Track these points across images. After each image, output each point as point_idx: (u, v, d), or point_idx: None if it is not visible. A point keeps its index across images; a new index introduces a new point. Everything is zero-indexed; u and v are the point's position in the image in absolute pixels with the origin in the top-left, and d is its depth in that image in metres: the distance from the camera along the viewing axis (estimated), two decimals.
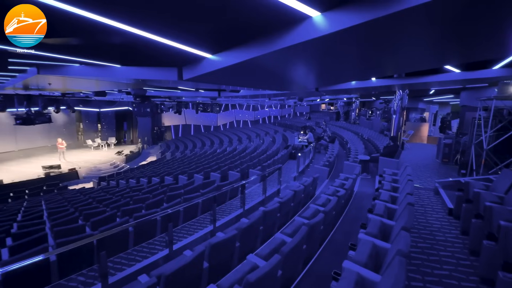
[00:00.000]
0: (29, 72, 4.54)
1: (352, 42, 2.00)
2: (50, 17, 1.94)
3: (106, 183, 11.69)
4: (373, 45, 2.14)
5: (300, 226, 3.06)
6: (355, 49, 2.26)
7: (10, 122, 15.65)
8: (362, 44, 2.13)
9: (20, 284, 3.12)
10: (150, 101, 10.62)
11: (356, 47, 2.20)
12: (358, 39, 1.94)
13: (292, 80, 4.49)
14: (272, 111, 31.69)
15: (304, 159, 9.72)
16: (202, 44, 2.58)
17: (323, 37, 1.71)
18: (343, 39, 1.84)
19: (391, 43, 2.09)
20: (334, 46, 2.05)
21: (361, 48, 2.27)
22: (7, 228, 5.22)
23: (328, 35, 1.67)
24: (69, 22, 2.01)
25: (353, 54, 2.52)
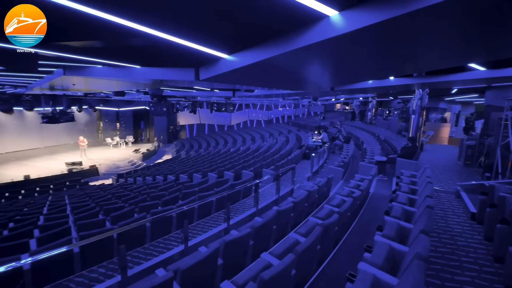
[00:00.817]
0: (55, 73, 4.81)
1: (370, 41, 1.96)
2: (76, 21, 2.03)
3: (124, 179, 12.11)
4: (393, 44, 2.09)
5: (314, 226, 3.05)
6: (373, 48, 2.22)
7: (37, 121, 16.62)
8: (380, 43, 2.09)
9: (46, 273, 3.31)
10: (167, 100, 10.89)
11: (375, 46, 2.16)
12: (376, 38, 1.90)
13: (307, 79, 4.46)
14: (285, 111, 31.53)
15: (318, 159, 9.61)
16: (219, 45, 2.62)
17: (340, 37, 1.69)
18: (361, 38, 1.82)
19: (411, 42, 2.04)
20: (352, 46, 2.03)
21: (379, 47, 2.22)
22: (34, 220, 5.54)
23: (346, 34, 1.66)
24: (94, 25, 2.10)
25: (371, 53, 2.48)
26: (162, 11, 1.80)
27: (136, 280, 3.12)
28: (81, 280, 3.41)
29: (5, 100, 8.28)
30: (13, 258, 3.27)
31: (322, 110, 28.77)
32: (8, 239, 4.43)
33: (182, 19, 1.96)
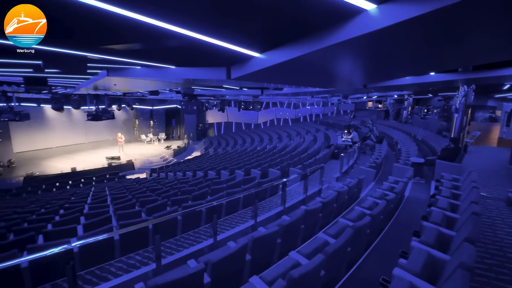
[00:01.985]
0: (100, 74, 5.26)
1: (411, 35, 1.84)
2: (118, 25, 2.18)
3: (157, 174, 12.82)
4: (437, 37, 1.94)
5: (345, 228, 2.96)
6: (414, 42, 2.08)
7: (82, 118, 18.26)
8: (423, 37, 1.95)
9: (91, 256, 3.64)
10: (197, 99, 11.29)
11: (416, 40, 2.02)
12: (419, 32, 1.78)
13: (338, 77, 4.32)
14: (313, 109, 30.85)
15: (347, 159, 9.29)
16: (251, 44, 2.65)
17: (379, 31, 1.61)
18: (402, 32, 1.71)
19: (459, 34, 1.87)
20: (391, 41, 1.92)
21: (421, 41, 2.07)
22: (80, 208, 6.11)
23: (385, 29, 1.57)
24: (136, 29, 2.24)
25: (412, 48, 2.32)
26: (197, 12, 1.86)
27: (169, 269, 3.28)
28: (120, 265, 3.68)
29: (57, 100, 9.24)
30: (64, 241, 3.65)
31: (352, 109, 27.61)
32: (59, 224, 4.96)
33: (217, 19, 2.01)
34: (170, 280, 2.15)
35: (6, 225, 5.09)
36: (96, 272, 3.50)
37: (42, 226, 4.86)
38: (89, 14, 1.84)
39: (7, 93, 8.92)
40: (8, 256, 3.36)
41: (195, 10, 1.81)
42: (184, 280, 2.25)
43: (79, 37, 2.70)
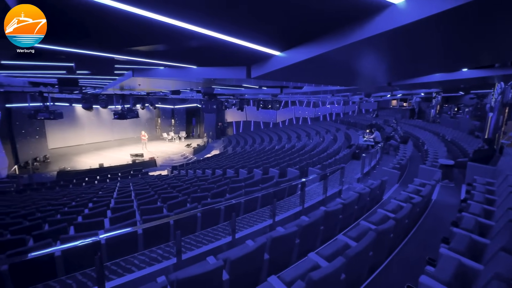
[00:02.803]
0: (126, 75, 5.50)
1: (444, 29, 1.72)
2: (145, 28, 2.25)
3: (177, 171, 13.20)
4: (472, 30, 1.80)
5: (367, 231, 2.86)
6: (446, 37, 1.94)
7: (109, 117, 19.25)
8: (456, 31, 1.82)
9: (117, 248, 3.83)
10: (216, 98, 11.46)
11: (449, 34, 1.88)
12: (452, 25, 1.66)
13: (362, 74, 4.16)
14: (334, 108, 30.13)
15: (369, 160, 8.97)
16: (272, 42, 2.63)
17: (408, 26, 1.52)
18: (433, 26, 1.60)
19: (498, 25, 1.73)
20: (421, 35, 1.80)
21: (454, 36, 1.94)
22: (107, 202, 6.44)
23: (415, 23, 1.48)
24: (160, 31, 2.31)
25: (443, 43, 2.17)
26: (219, 12, 1.88)
27: (189, 264, 3.38)
28: (143, 258, 3.83)
29: (87, 99, 9.83)
30: (93, 233, 3.87)
31: (375, 107, 26.61)
32: (88, 217, 5.26)
33: (241, 19, 2.02)
34: (190, 275, 2.20)
35: (42, 216, 5.49)
36: (121, 264, 3.67)
37: (73, 218, 5.18)
38: (117, 17, 1.92)
39: (43, 94, 9.62)
40: (44, 245, 3.62)
41: (220, 11, 1.82)
42: (204, 276, 2.29)
43: (107, 39, 2.83)
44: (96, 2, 1.63)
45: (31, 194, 9.78)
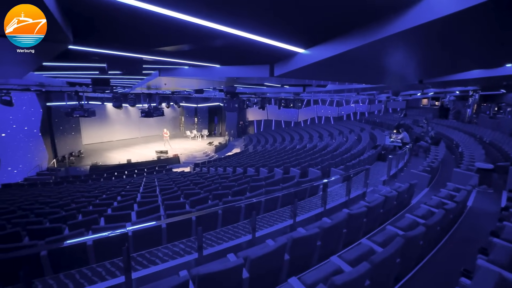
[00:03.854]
0: (153, 75, 5.73)
1: (488, 21, 1.57)
2: (171, 28, 2.31)
3: (200, 169, 13.51)
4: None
5: (394, 236, 2.71)
6: (491, 29, 1.77)
7: (136, 115, 20.24)
8: (503, 22, 1.65)
9: (142, 240, 4.00)
10: (238, 97, 11.54)
11: (493, 26, 1.71)
12: (499, 16, 1.50)
13: (390, 72, 3.95)
14: (358, 107, 29.05)
15: (396, 161, 8.53)
16: (297, 40, 2.58)
17: (449, 17, 1.40)
18: (480, 15, 1.46)
19: None
20: (462, 28, 1.66)
21: (500, 28, 1.76)
22: (134, 196, 6.76)
23: (458, 14, 1.36)
24: (186, 30, 2.36)
25: (486, 36, 1.99)
26: (245, 10, 1.87)
27: (209, 260, 3.44)
28: (166, 251, 3.97)
29: (117, 98, 10.40)
30: (121, 225, 4.08)
31: (403, 107, 25.23)
32: (117, 209, 5.56)
33: (263, 16, 2.00)
34: (211, 271, 2.24)
35: (76, 207, 5.90)
36: (146, 255, 3.83)
37: (103, 210, 5.51)
38: (145, 18, 1.99)
39: (78, 93, 10.33)
40: (78, 234, 3.89)
41: (247, 11, 1.81)
42: (224, 273, 2.31)
43: (136, 40, 2.95)
44: (127, 4, 1.69)
45: (67, 186, 10.56)
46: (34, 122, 14.57)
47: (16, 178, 12.88)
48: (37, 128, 14.74)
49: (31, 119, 14.33)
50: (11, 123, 12.95)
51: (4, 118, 12.45)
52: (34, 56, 2.55)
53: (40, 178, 13.06)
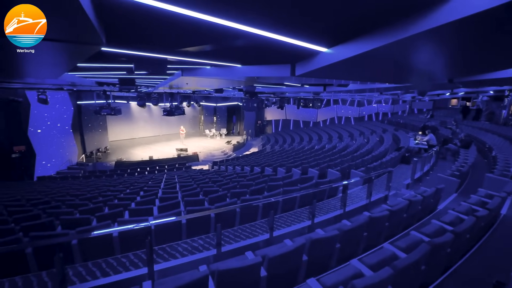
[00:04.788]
0: (175, 75, 5.91)
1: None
2: (195, 29, 2.36)
3: (218, 167, 13.73)
4: None
5: (419, 242, 2.60)
6: None
7: (158, 113, 20.96)
8: None
9: (163, 234, 4.15)
10: (257, 96, 11.59)
11: None
12: None
13: (418, 70, 3.77)
14: (381, 107, 28.00)
15: (421, 164, 8.13)
16: (319, 39, 2.54)
17: (486, 12, 1.32)
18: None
19: None
20: (501, 23, 1.55)
21: None
22: (155, 192, 7.02)
23: (497, 8, 1.28)
24: (209, 31, 2.40)
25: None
26: (268, 10, 1.88)
27: (228, 257, 3.49)
28: (185, 246, 4.08)
29: (141, 97, 10.86)
30: (143, 219, 4.27)
31: (430, 107, 23.93)
32: (140, 204, 5.81)
33: (286, 15, 1.99)
34: (230, 267, 2.28)
35: (103, 200, 6.24)
36: (167, 249, 3.97)
37: (128, 204, 5.77)
38: (170, 20, 2.05)
39: (106, 92, 10.90)
40: (105, 225, 4.11)
41: (272, 10, 1.82)
42: (243, 270, 2.34)
43: (161, 41, 3.06)
44: (156, 8, 1.77)
45: (94, 180, 11.19)
46: (66, 119, 15.57)
47: (50, 171, 13.85)
48: (69, 125, 15.74)
49: (63, 117, 15.33)
50: (46, 120, 13.94)
51: (40, 115, 13.43)
52: (71, 57, 2.73)
53: (70, 172, 13.96)
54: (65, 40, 2.09)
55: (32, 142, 12.87)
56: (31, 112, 12.78)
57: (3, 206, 5.82)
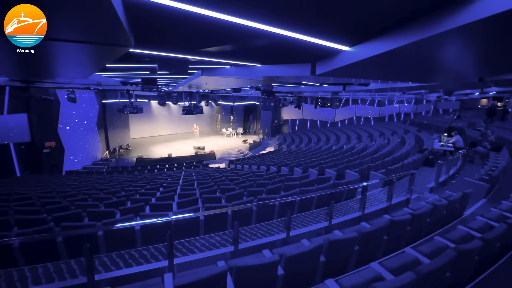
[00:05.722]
0: (196, 74, 6.05)
1: None
2: (217, 29, 2.41)
3: (234, 165, 13.87)
4: None
5: (444, 248, 2.49)
6: None
7: (177, 112, 21.54)
8: None
9: (182, 230, 4.27)
10: (275, 96, 11.57)
11: None
12: None
13: (445, 69, 3.60)
14: (403, 107, 26.95)
15: (447, 168, 7.74)
16: (342, 37, 2.51)
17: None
18: None
19: None
20: None
21: None
22: (174, 188, 7.23)
23: None
24: (230, 31, 2.44)
25: None
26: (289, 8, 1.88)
27: (244, 254, 3.54)
28: (203, 242, 4.18)
29: (162, 96, 11.21)
30: (164, 214, 4.41)
31: (457, 107, 22.68)
32: (160, 199, 6.01)
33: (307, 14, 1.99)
34: (248, 264, 2.31)
35: (125, 194, 6.52)
36: (185, 244, 4.08)
37: (148, 199, 5.99)
38: (193, 21, 2.11)
39: (129, 91, 11.35)
40: (128, 219, 4.30)
41: (291, 8, 1.82)
42: (260, 267, 2.37)
43: (185, 42, 3.15)
44: (182, 10, 1.83)
45: (117, 175, 11.71)
46: (92, 117, 16.41)
47: (76, 166, 14.69)
48: (94, 122, 16.57)
49: (89, 115, 16.17)
50: (73, 118, 14.78)
51: (68, 113, 14.26)
52: (102, 59, 2.89)
53: (95, 167, 14.71)
54: (98, 42, 2.21)
55: (62, 138, 13.70)
56: (60, 110, 13.61)
57: (37, 198, 6.26)
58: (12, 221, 4.44)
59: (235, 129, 25.70)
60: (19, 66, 4.00)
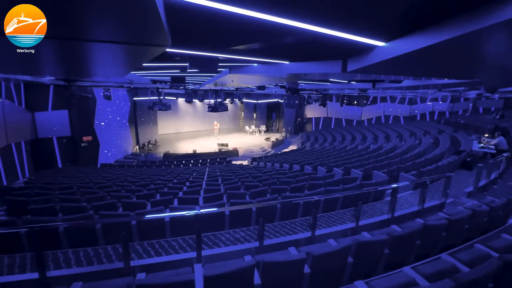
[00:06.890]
0: (223, 72, 6.17)
1: None
2: (246, 27, 2.42)
3: (257, 163, 13.96)
4: None
5: (486, 257, 2.33)
6: None
7: (202, 109, 22.12)
8: None
9: (208, 223, 4.39)
10: (299, 93, 11.43)
11: None
12: None
13: (491, 64, 3.31)
14: (437, 105, 25.20)
15: (488, 171, 7.14)
16: (375, 33, 2.40)
17: None
18: None
19: None
20: None
21: None
22: (200, 183, 7.46)
23: None
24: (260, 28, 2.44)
25: None
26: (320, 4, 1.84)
27: (269, 250, 3.58)
28: (228, 237, 4.28)
29: (189, 94, 11.59)
30: (191, 207, 4.58)
31: (500, 106, 20.69)
32: (187, 193, 6.24)
33: (343, 10, 1.94)
34: (275, 260, 2.34)
35: (155, 188, 6.86)
36: (211, 237, 4.21)
37: (176, 192, 6.25)
38: (225, 19, 2.14)
39: (159, 89, 11.87)
40: (159, 210, 4.53)
41: (327, 6, 1.79)
42: (287, 264, 2.39)
43: (217, 41, 3.23)
44: (216, 9, 1.87)
45: (146, 169, 12.34)
46: (124, 114, 17.41)
47: (110, 159, 15.70)
48: (126, 119, 17.57)
49: (122, 111, 17.17)
50: (108, 114, 15.80)
51: (103, 110, 15.27)
52: (139, 58, 3.06)
53: (126, 161, 15.61)
54: (138, 43, 2.35)
55: (97, 133, 14.73)
56: (96, 107, 14.62)
57: (77, 187, 6.81)
58: (57, 207, 4.88)
59: (258, 127, 25.80)
60: (66, 67, 4.36)
